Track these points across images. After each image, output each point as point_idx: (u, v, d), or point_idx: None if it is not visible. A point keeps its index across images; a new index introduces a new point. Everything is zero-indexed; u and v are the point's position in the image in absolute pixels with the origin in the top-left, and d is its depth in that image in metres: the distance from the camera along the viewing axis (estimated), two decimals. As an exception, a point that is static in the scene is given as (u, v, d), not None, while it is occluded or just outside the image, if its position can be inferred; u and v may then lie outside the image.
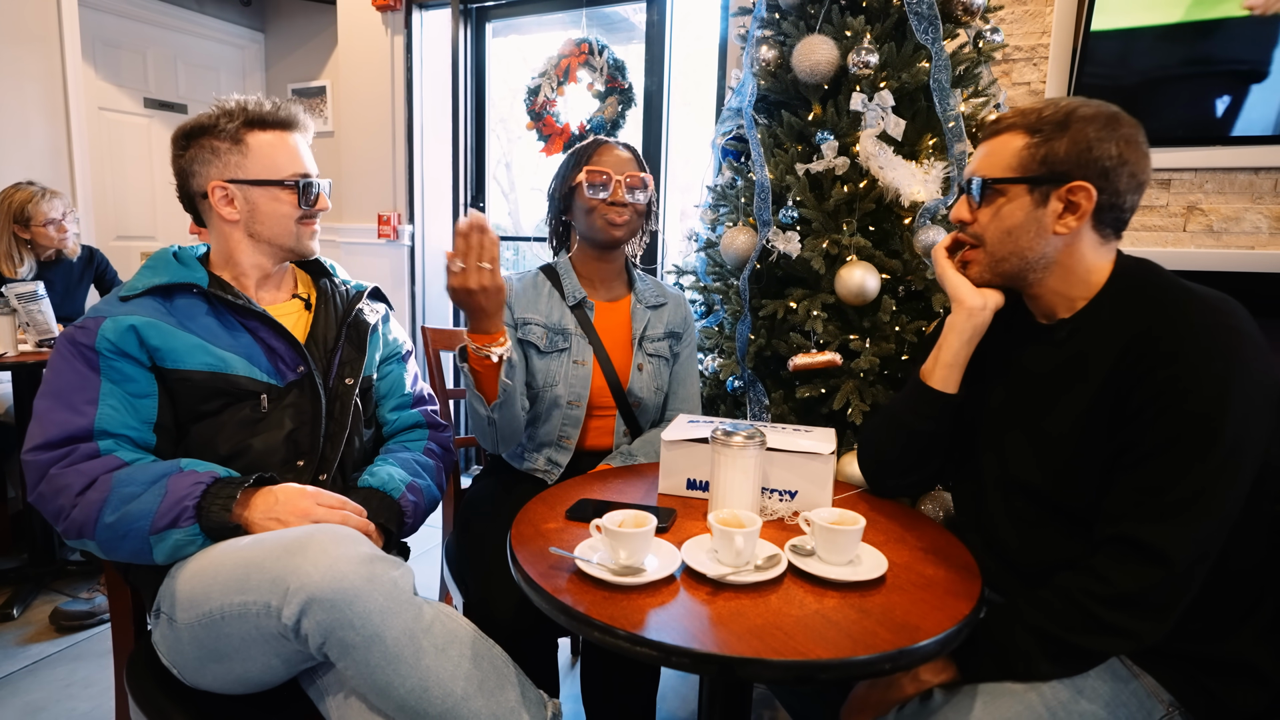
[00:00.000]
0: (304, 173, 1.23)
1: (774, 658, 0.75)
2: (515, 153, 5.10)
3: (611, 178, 1.48)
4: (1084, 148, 0.94)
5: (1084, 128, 0.94)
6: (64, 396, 1.06)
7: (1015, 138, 0.99)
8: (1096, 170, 0.94)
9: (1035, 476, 1.01)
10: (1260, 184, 2.08)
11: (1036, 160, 0.96)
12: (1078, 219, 0.96)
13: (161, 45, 3.91)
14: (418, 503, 1.25)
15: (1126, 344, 0.92)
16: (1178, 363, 0.87)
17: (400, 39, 3.43)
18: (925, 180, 1.59)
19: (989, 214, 1.01)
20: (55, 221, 2.56)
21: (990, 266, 1.04)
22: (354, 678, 0.90)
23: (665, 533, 1.03)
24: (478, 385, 1.29)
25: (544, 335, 1.50)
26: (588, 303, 1.56)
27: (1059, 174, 0.95)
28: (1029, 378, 1.05)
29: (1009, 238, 1.00)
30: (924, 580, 0.92)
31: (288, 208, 1.22)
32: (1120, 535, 0.89)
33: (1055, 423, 0.99)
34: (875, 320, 1.62)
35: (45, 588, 2.30)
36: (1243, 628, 0.94)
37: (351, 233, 3.69)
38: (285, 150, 1.22)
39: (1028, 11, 2.29)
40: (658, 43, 2.98)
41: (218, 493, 1.04)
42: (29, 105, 3.09)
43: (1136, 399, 0.89)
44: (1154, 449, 0.88)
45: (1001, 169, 0.99)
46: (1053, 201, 0.96)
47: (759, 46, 1.77)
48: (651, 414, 1.59)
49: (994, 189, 1.00)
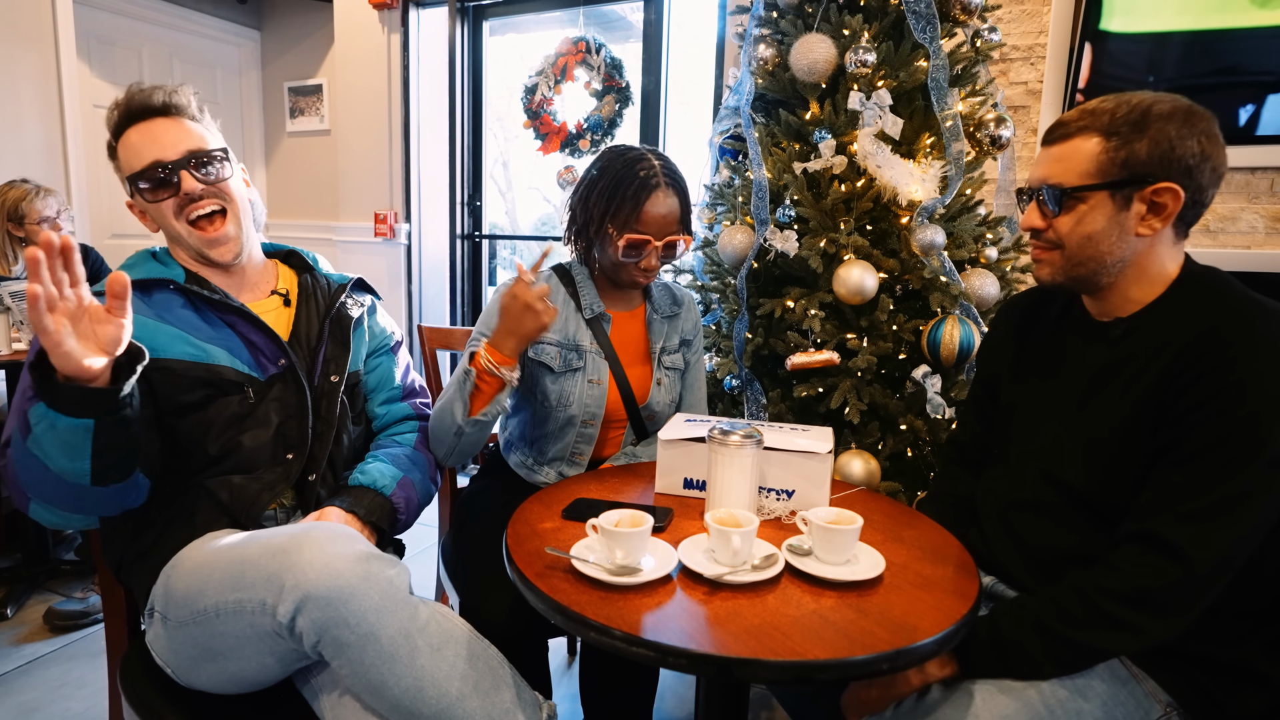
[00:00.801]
0: (150, 161, 1.10)
1: (771, 658, 0.74)
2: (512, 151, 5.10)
3: (650, 244, 1.36)
4: (1166, 148, 0.91)
5: (1164, 126, 0.91)
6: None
7: (1088, 140, 0.95)
8: (1180, 169, 0.91)
9: (1074, 473, 1.00)
10: (1257, 184, 2.08)
11: (1116, 164, 0.93)
12: (1162, 220, 0.93)
13: (157, 43, 3.89)
14: (410, 498, 1.24)
15: (1183, 347, 0.90)
16: (1237, 368, 0.85)
17: (397, 37, 3.42)
18: (923, 179, 1.59)
19: (1070, 221, 0.97)
20: (50, 220, 2.55)
21: (1065, 270, 1.00)
22: (348, 677, 0.89)
23: (662, 532, 1.03)
24: (470, 393, 1.26)
25: (558, 355, 1.41)
26: (605, 315, 1.46)
27: (1142, 176, 0.92)
28: (1077, 373, 1.04)
29: (1090, 243, 0.96)
30: (921, 580, 0.92)
31: (156, 207, 1.13)
32: (1144, 532, 0.89)
33: (1100, 420, 0.98)
34: (873, 319, 1.62)
35: (39, 587, 2.29)
36: (1255, 634, 0.94)
37: (348, 231, 3.68)
38: (131, 149, 1.12)
39: (1025, 11, 2.29)
40: (655, 41, 2.98)
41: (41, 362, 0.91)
42: (23, 103, 3.07)
43: (1186, 401, 0.88)
44: (1198, 451, 0.87)
45: (1079, 175, 0.95)
46: (1135, 204, 0.93)
47: (757, 45, 1.77)
48: (663, 423, 1.55)
49: (1074, 196, 0.96)
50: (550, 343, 1.41)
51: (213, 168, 1.15)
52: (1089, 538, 0.98)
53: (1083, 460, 0.99)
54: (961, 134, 1.61)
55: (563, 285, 1.48)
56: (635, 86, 3.02)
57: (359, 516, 1.16)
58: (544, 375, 1.42)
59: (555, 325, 1.40)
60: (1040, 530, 1.04)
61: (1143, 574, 0.87)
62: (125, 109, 1.13)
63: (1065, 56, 2.22)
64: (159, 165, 1.11)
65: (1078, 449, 1.00)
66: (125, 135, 1.14)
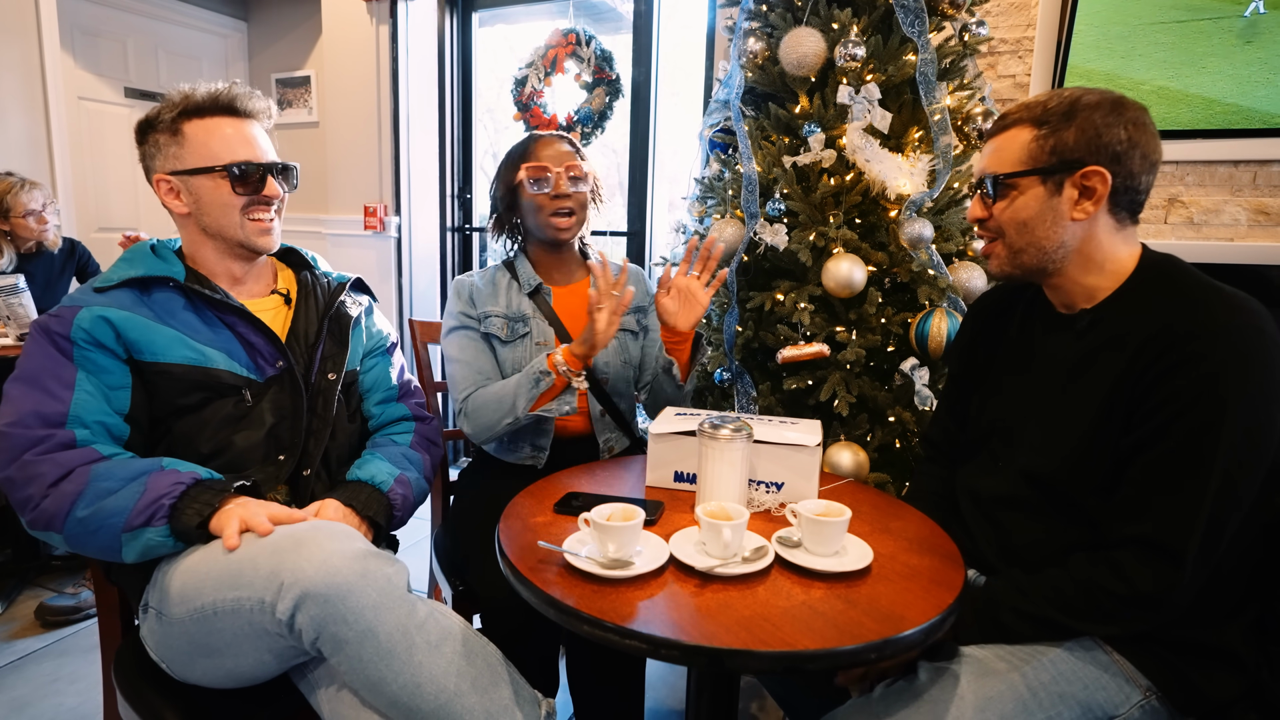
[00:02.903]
0: (242, 159, 1.17)
1: (762, 649, 0.76)
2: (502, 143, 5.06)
3: (551, 170, 1.51)
4: (1093, 134, 0.96)
5: (1090, 115, 0.96)
6: (39, 380, 1.04)
7: (1022, 132, 1.00)
8: (1108, 155, 0.96)
9: (1045, 464, 1.03)
10: (1240, 176, 2.10)
11: (1046, 151, 0.98)
12: (1094, 203, 0.98)
13: (142, 34, 3.85)
14: (406, 495, 1.25)
15: (1150, 337, 0.92)
16: (1204, 361, 0.88)
17: (385, 28, 3.39)
18: (911, 173, 1.60)
19: (1003, 207, 1.03)
20: (35, 213, 2.53)
21: (1010, 259, 1.05)
22: (347, 673, 0.90)
23: (653, 525, 1.04)
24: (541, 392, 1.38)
25: (504, 325, 1.53)
26: (544, 288, 1.59)
27: (1070, 161, 0.97)
28: (1047, 366, 1.07)
29: (1026, 229, 1.01)
30: (909, 570, 0.94)
31: (228, 196, 1.17)
32: (1143, 537, 0.91)
33: (1074, 413, 1.00)
34: (861, 312, 1.63)
35: (30, 583, 2.28)
36: (1231, 619, 0.96)
37: (337, 224, 3.66)
38: (220, 136, 1.17)
39: (1013, 4, 2.30)
40: (645, 33, 2.97)
41: (196, 495, 1.02)
42: (6, 95, 3.04)
43: (1158, 394, 0.91)
44: (1175, 446, 0.89)
45: (1012, 163, 1.01)
46: (1067, 189, 0.98)
47: (746, 38, 1.77)
48: (622, 388, 1.61)
49: (1006, 184, 1.02)
50: (495, 314, 1.53)
51: (286, 178, 1.25)
52: (1070, 532, 1.00)
53: (1058, 453, 1.02)
54: (949, 128, 1.62)
55: (507, 273, 1.62)
56: (625, 79, 3.01)
57: (356, 510, 1.17)
58: (496, 345, 1.54)
59: (500, 301, 1.57)
60: (1022, 526, 1.06)
61: (1145, 581, 0.90)
62: (222, 101, 1.18)
63: (1053, 50, 2.23)
64: (253, 164, 1.18)
65: (1053, 442, 1.02)
66: (214, 122, 1.17)
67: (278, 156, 1.24)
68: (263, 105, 1.24)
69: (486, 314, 1.54)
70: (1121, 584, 0.91)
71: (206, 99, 1.17)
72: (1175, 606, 0.90)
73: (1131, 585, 0.90)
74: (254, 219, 1.19)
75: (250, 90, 1.22)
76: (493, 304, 1.55)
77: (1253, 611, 0.98)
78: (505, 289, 1.58)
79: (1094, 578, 0.93)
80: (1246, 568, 0.96)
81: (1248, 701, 0.97)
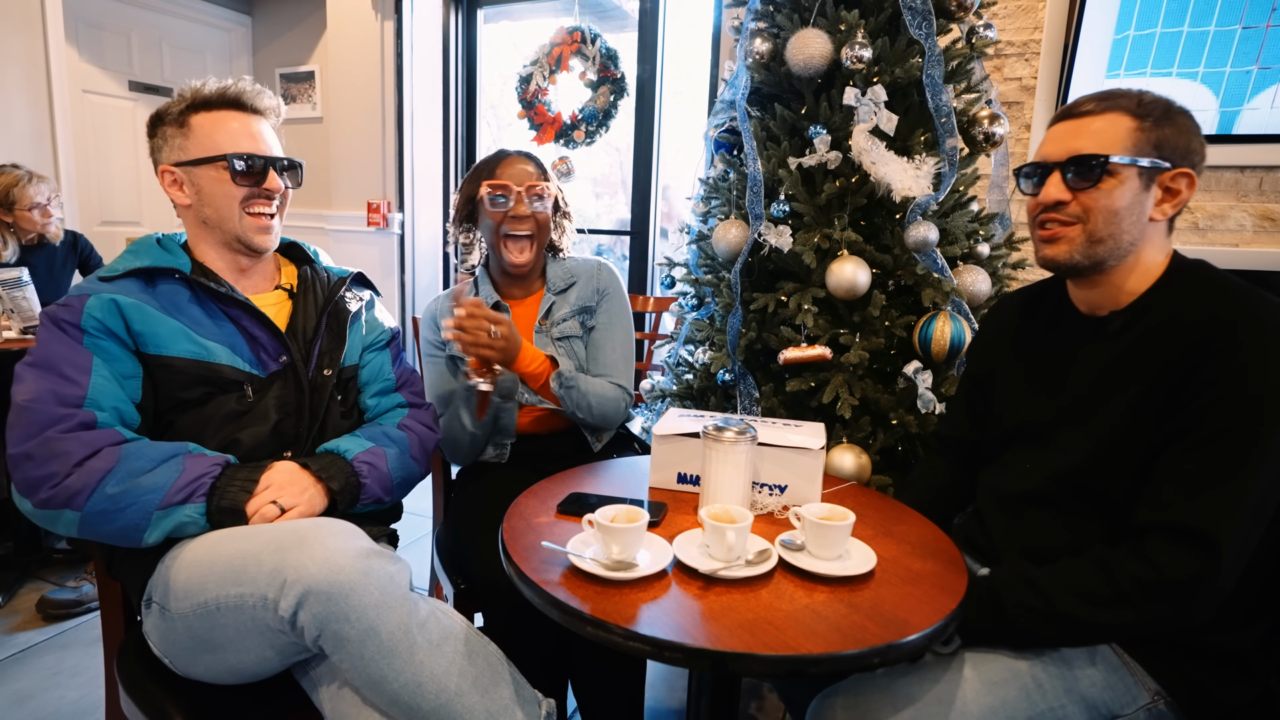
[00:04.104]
0: (244, 150, 1.17)
1: (765, 652, 0.76)
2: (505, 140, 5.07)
3: (511, 190, 1.53)
4: (1188, 138, 0.96)
5: (1184, 119, 0.97)
6: (54, 365, 1.03)
7: (1122, 119, 0.97)
8: (1193, 161, 0.97)
9: (1085, 468, 1.00)
10: (1246, 182, 2.10)
11: (1151, 143, 0.96)
12: (1174, 206, 0.98)
13: (146, 27, 3.85)
14: (377, 468, 1.20)
15: (1187, 331, 0.92)
16: (1241, 349, 0.87)
17: (390, 24, 3.39)
18: (917, 175, 1.60)
19: (1098, 195, 0.97)
20: (40, 206, 2.53)
21: (1085, 247, 0.99)
22: (348, 671, 0.90)
23: (656, 527, 1.04)
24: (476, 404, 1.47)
25: None
26: (502, 305, 1.63)
27: (1168, 159, 0.96)
28: (1080, 370, 1.05)
29: (1115, 218, 0.97)
30: (912, 575, 0.94)
31: (228, 187, 1.17)
32: (1172, 523, 0.88)
33: (1111, 414, 0.98)
34: (865, 315, 1.63)
35: (31, 576, 2.29)
36: (1245, 626, 0.95)
37: (340, 220, 3.66)
38: (225, 129, 1.18)
39: (1020, 7, 2.29)
40: (650, 32, 2.97)
41: (234, 475, 1.06)
42: (10, 88, 3.04)
43: (1194, 384, 0.89)
44: (1210, 435, 0.88)
45: (1116, 148, 0.96)
46: (1154, 188, 0.97)
47: (753, 39, 1.77)
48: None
49: (1106, 168, 0.96)
50: None
51: (291, 175, 1.26)
52: (1094, 526, 0.99)
53: (1094, 455, 1.00)
54: (955, 130, 1.62)
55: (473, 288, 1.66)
56: (630, 77, 3.01)
57: (312, 471, 1.14)
58: (460, 364, 1.54)
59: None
60: (1047, 524, 1.04)
61: (1175, 567, 0.87)
62: (229, 95, 1.19)
63: (1060, 53, 2.23)
64: (255, 156, 1.18)
65: (1090, 446, 1.00)
66: (220, 116, 1.19)
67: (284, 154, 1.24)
68: (271, 103, 1.25)
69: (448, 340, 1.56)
70: (1148, 568, 0.88)
71: (215, 93, 1.19)
72: (1209, 603, 0.87)
73: (1158, 570, 0.87)
74: (253, 213, 1.19)
75: (259, 88, 1.23)
76: None
77: (1267, 618, 0.97)
78: None
79: (1117, 560, 0.90)
80: (1262, 573, 0.95)
81: (1257, 709, 0.96)
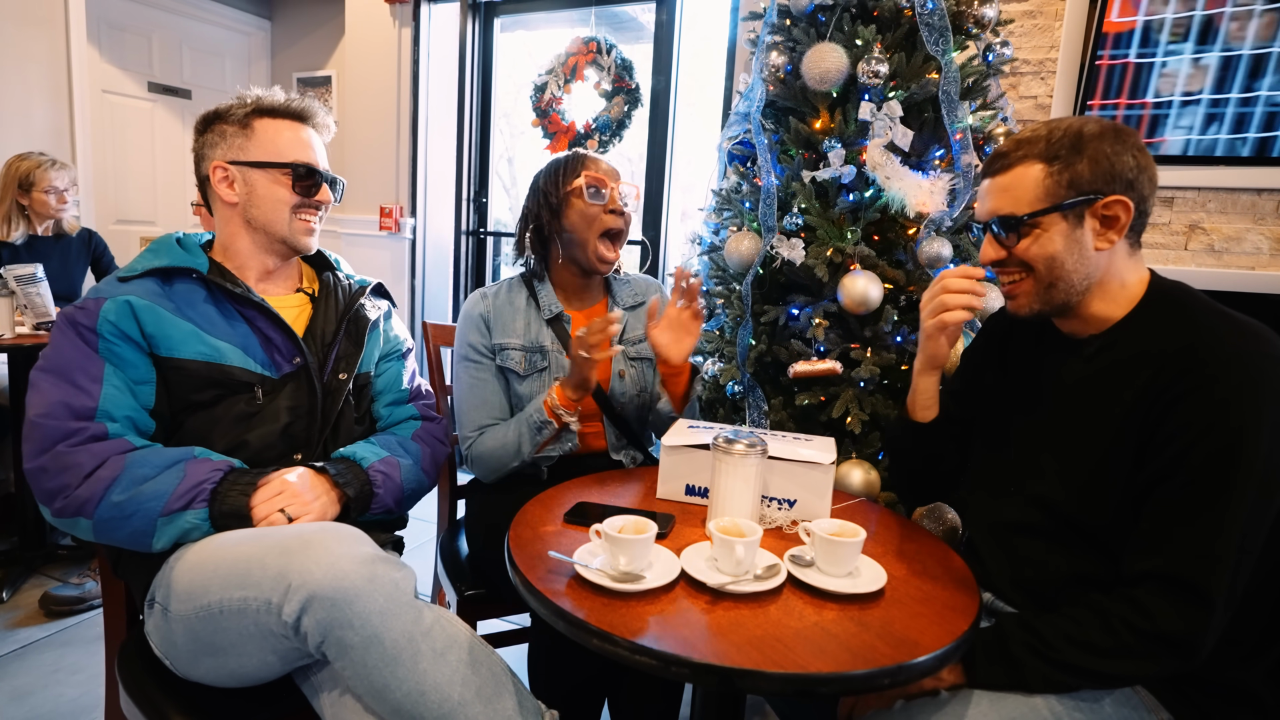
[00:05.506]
0: (306, 161, 1.22)
1: (773, 670, 0.75)
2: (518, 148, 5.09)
3: (608, 183, 1.49)
4: (1105, 164, 0.94)
5: (1098, 144, 0.95)
6: (67, 373, 1.05)
7: (1031, 168, 0.97)
8: (1123, 182, 0.95)
9: (1056, 491, 1.01)
10: (1263, 205, 2.08)
11: (1063, 185, 0.96)
12: (1117, 232, 0.96)
13: (167, 29, 3.89)
14: (390, 477, 1.22)
15: (1160, 364, 0.91)
16: (1216, 385, 0.86)
17: (408, 31, 3.42)
18: (931, 191, 1.59)
19: (1027, 245, 0.99)
20: (57, 190, 2.55)
21: (1039, 295, 1.01)
22: (351, 678, 0.90)
23: (664, 539, 1.03)
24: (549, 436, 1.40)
25: (522, 360, 1.49)
26: (564, 315, 1.54)
27: (1089, 194, 0.95)
28: (1056, 391, 1.05)
29: (1055, 262, 0.98)
30: (923, 594, 0.92)
31: (284, 193, 1.21)
32: (1164, 572, 0.88)
33: (1080, 437, 0.99)
34: (876, 329, 1.62)
35: (35, 571, 2.29)
36: (1255, 659, 0.94)
37: (353, 224, 3.68)
38: (289, 138, 1.22)
39: (1037, 25, 2.29)
40: (666, 43, 2.98)
41: (235, 480, 1.06)
42: (32, 86, 3.07)
43: (1171, 423, 0.89)
44: (1191, 477, 0.88)
45: (1030, 202, 0.98)
46: (1088, 220, 0.96)
47: (769, 52, 1.77)
48: (633, 414, 1.58)
49: (1028, 224, 0.98)
50: (514, 347, 1.49)
51: (338, 190, 1.30)
52: (1084, 563, 0.99)
53: (1067, 478, 1.00)
54: (971, 147, 1.61)
55: (524, 289, 1.56)
56: (645, 88, 3.02)
57: (329, 476, 1.15)
58: (513, 379, 1.49)
59: (518, 329, 1.51)
60: (1035, 553, 1.04)
61: (1170, 620, 0.87)
62: (294, 108, 1.25)
63: (1075, 72, 2.22)
64: (314, 168, 1.24)
65: (1061, 466, 1.01)
66: (284, 124, 1.23)
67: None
68: (325, 120, 1.30)
69: (503, 346, 1.49)
70: (1144, 619, 0.88)
71: (280, 104, 1.24)
72: (1205, 646, 0.87)
73: (1154, 621, 0.87)
74: (302, 219, 1.24)
75: (320, 105, 1.29)
76: (509, 333, 1.50)
77: (1276, 651, 0.95)
78: (524, 310, 1.53)
79: (1114, 611, 0.90)
80: (1266, 607, 0.94)
81: None
